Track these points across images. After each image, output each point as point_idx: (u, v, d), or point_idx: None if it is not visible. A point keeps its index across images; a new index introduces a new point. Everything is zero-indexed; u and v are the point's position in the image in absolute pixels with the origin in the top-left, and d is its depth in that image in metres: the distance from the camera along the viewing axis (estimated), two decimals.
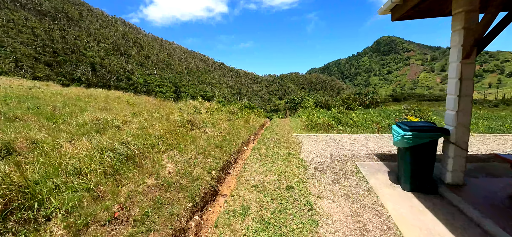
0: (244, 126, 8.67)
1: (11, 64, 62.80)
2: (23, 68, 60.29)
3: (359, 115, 11.55)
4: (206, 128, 6.77)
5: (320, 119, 9.02)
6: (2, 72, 49.08)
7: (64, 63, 78.37)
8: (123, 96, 17.99)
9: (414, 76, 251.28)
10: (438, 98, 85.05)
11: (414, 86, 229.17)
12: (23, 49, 73.26)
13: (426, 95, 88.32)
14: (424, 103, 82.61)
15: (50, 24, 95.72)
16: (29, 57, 72.71)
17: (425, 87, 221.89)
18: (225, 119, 8.83)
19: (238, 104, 13.14)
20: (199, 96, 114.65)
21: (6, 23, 78.29)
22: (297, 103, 20.03)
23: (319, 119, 9.28)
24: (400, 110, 13.05)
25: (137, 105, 11.92)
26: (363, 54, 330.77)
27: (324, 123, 8.53)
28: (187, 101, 16.34)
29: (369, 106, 17.23)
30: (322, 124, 8.47)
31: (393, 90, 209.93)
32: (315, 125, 8.56)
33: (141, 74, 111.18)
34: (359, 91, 19.68)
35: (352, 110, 14.58)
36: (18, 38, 77.62)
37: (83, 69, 67.82)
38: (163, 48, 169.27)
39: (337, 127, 8.28)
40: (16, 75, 50.22)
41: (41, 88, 18.85)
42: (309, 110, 14.34)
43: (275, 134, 7.78)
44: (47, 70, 71.08)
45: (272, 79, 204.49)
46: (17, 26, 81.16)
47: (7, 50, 68.84)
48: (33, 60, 73.12)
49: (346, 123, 8.96)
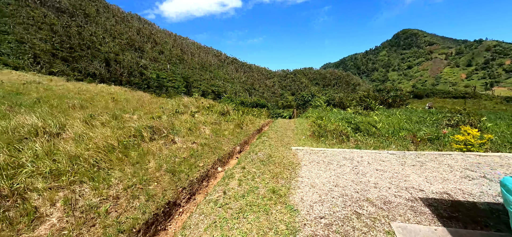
0: (233, 132, 6.91)
1: (30, 60, 65.08)
2: (39, 63, 62.09)
3: (381, 117, 9.39)
4: (177, 137, 5.05)
5: (332, 124, 7.04)
6: (19, 67, 50.54)
7: (80, 58, 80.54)
8: (119, 92, 16.87)
9: (436, 72, 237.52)
10: (465, 95, 78.55)
11: (437, 82, 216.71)
12: (42, 45, 75.78)
13: (451, 92, 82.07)
14: (449, 101, 76.87)
15: (68, 21, 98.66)
16: (47, 53, 75.15)
17: (448, 83, 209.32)
18: (210, 122, 7.10)
19: (232, 104, 11.32)
20: (210, 91, 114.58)
21: (26, 20, 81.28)
22: (307, 100, 17.85)
23: (331, 123, 7.32)
24: (433, 112, 10.71)
25: (123, 102, 10.54)
26: (381, 48, 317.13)
27: (337, 130, 6.56)
28: (182, 98, 14.76)
29: (391, 105, 14.81)
30: (334, 132, 6.52)
31: (413, 86, 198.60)
32: (325, 132, 6.63)
33: (154, 69, 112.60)
34: (378, 87, 17.16)
35: (371, 110, 12.34)
36: (37, 35, 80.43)
37: (96, 64, 68.92)
38: (177, 44, 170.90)
39: (354, 137, 6.34)
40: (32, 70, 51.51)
41: (42, 83, 18.17)
42: (318, 111, 12.30)
43: (268, 145, 5.95)
44: (64, 65, 73.18)
45: (285, 74, 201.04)
46: (37, 23, 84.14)
47: (26, 46, 71.41)
48: (50, 56, 75.50)
49: (367, 130, 6.95)
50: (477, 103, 68.70)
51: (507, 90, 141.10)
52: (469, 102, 72.33)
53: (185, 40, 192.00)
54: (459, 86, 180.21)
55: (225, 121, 8.13)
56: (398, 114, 10.30)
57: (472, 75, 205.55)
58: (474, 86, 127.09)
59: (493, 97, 69.08)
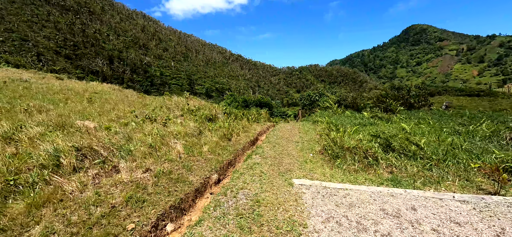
0: (217, 147, 5.30)
1: (33, 58, 65.07)
2: (41, 61, 61.87)
3: (411, 125, 7.53)
4: (123, 162, 3.42)
5: (351, 140, 5.25)
6: (20, 65, 50.20)
7: (83, 56, 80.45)
8: (107, 90, 15.42)
9: (446, 69, 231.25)
10: (480, 93, 74.97)
11: (446, 79, 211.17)
12: (45, 43, 75.87)
13: (464, 89, 78.72)
14: (462, 99, 73.52)
15: (72, 18, 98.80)
16: (50, 50, 75.20)
17: (459, 80, 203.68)
18: (186, 133, 5.46)
19: (234, 103, 9.58)
20: (214, 88, 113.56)
21: (30, 18, 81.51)
22: (313, 100, 15.96)
23: (349, 138, 5.50)
24: (468, 116, 8.82)
25: (100, 103, 9.08)
26: (389, 44, 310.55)
27: (359, 148, 4.84)
28: (171, 98, 13.23)
29: (412, 107, 12.87)
30: (355, 150, 4.77)
31: (422, 83, 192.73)
32: (342, 150, 4.89)
33: (158, 67, 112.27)
34: (395, 85, 15.20)
35: (392, 113, 10.48)
36: (41, 33, 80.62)
37: (98, 62, 68.31)
38: (181, 41, 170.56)
39: (386, 159, 4.63)
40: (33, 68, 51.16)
41: (29, 81, 16.98)
42: (328, 113, 10.52)
43: (258, 174, 4.27)
44: (67, 63, 73.01)
45: (290, 71, 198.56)
46: (41, 21, 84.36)
47: (30, 44, 71.53)
48: (53, 53, 75.54)
49: (403, 148, 4.86)
50: (493, 102, 65.32)
51: None
52: (485, 100, 68.89)
53: (189, 37, 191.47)
54: (470, 83, 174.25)
55: (209, 130, 6.48)
56: (430, 120, 8.41)
57: (484, 72, 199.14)
58: (490, 83, 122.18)
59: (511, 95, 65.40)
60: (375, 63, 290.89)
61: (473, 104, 64.55)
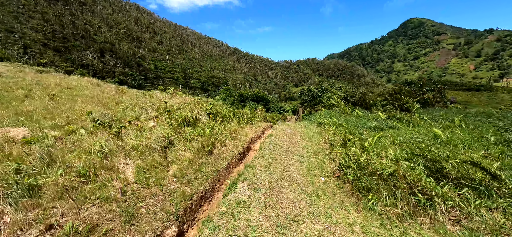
0: (188, 167, 3.64)
1: (20, 50, 62.24)
2: (27, 53, 59.07)
3: (446, 131, 5.89)
4: (9, 207, 1.60)
5: (382, 159, 3.66)
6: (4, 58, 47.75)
7: (72, 48, 77.56)
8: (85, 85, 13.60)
9: (443, 63, 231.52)
10: (479, 88, 74.11)
11: (443, 74, 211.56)
12: (32, 35, 72.77)
13: (464, 83, 77.94)
14: (462, 93, 72.63)
15: (61, 9, 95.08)
16: (38, 43, 72.19)
17: (456, 74, 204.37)
18: (146, 148, 3.75)
19: (205, 105, 7.82)
20: (210, 82, 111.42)
21: (16, 9, 78.01)
22: (316, 97, 14.21)
23: (374, 152, 3.84)
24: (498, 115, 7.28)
25: (66, 100, 7.36)
26: (387, 38, 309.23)
27: (400, 176, 3.09)
28: (153, 94, 11.39)
29: (426, 104, 11.29)
30: (392, 179, 3.10)
31: (419, 77, 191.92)
32: (371, 178, 3.26)
33: (152, 60, 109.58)
34: (407, 80, 13.51)
35: (408, 111, 8.89)
36: (28, 24, 77.30)
37: (87, 54, 65.58)
38: (177, 33, 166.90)
39: (446, 197, 3.04)
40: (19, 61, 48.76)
41: (4, 75, 15.14)
42: (335, 113, 8.87)
43: (243, 230, 2.50)
44: (56, 56, 70.10)
45: (288, 65, 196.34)
46: (28, 11, 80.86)
47: (16, 36, 68.48)
48: (41, 45, 72.58)
49: (462, 175, 3.13)
50: (493, 96, 64.51)
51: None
52: (485, 95, 68.07)
53: (185, 30, 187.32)
54: (467, 77, 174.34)
55: (184, 139, 4.79)
56: (462, 123, 6.79)
57: (480, 67, 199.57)
58: (490, 78, 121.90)
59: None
60: (373, 57, 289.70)
61: (473, 98, 63.66)
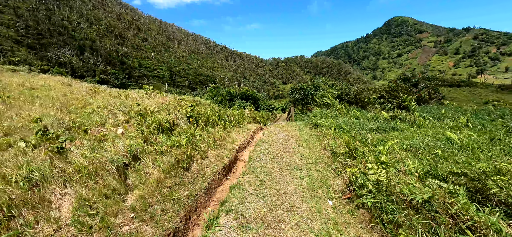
0: (155, 192, 2.72)
1: None
2: None
3: (461, 136, 5.19)
4: None
5: (408, 178, 2.71)
6: None
7: (49, 46, 72.99)
8: (54, 85, 12.04)
9: (425, 60, 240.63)
10: (460, 84, 77.11)
11: (425, 70, 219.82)
12: (4, 31, 67.82)
13: (446, 79, 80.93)
14: (443, 89, 75.03)
15: (36, 4, 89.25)
16: (9, 39, 67.33)
17: (436, 71, 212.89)
18: (99, 168, 2.66)
19: (184, 108, 6.69)
20: (198, 81, 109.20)
21: None
22: (308, 95, 13.38)
23: (398, 172, 2.97)
24: None
25: (22, 103, 6.04)
26: (372, 36, 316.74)
27: (441, 203, 2.26)
28: (129, 94, 10.13)
29: (420, 101, 10.80)
30: (426, 209, 2.26)
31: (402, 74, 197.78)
32: (398, 206, 2.41)
33: (137, 58, 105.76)
34: (403, 76, 13.12)
35: (407, 110, 8.26)
36: None
37: (65, 52, 61.75)
38: (162, 30, 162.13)
39: (494, 229, 2.12)
40: None
41: None
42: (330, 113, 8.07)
43: None
44: (30, 53, 65.59)
45: (276, 63, 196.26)
46: None
47: None
48: (13, 43, 67.80)
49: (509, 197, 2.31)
50: (473, 91, 67.12)
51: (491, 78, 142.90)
52: (466, 90, 70.71)
53: (171, 27, 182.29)
54: (447, 74, 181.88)
55: (155, 151, 3.75)
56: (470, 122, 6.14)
57: (459, 63, 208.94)
58: (470, 73, 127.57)
59: (489, 85, 67.68)
60: (358, 54, 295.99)
61: (455, 94, 65.94)
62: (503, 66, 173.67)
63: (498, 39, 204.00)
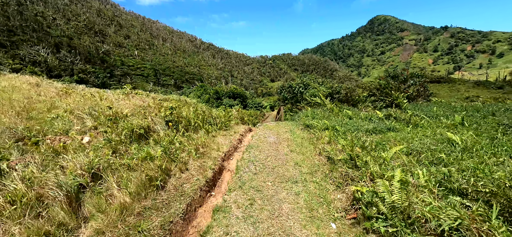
0: (117, 223, 1.87)
1: None
2: None
3: (467, 135, 4.89)
4: None
5: (426, 195, 2.32)
6: None
7: (22, 43, 68.39)
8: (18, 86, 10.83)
9: (407, 57, 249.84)
10: (440, 80, 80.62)
11: (407, 67, 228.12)
12: None
13: (427, 75, 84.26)
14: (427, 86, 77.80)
15: None
16: None
17: (417, 68, 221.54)
18: (40, 196, 1.94)
19: (163, 110, 5.94)
20: (184, 79, 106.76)
21: None
22: (297, 93, 12.91)
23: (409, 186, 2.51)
24: None
25: None
26: (356, 34, 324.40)
27: (467, 226, 1.99)
28: (104, 95, 9.17)
29: (409, 99, 10.67)
30: None
31: (385, 71, 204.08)
32: None
33: (119, 56, 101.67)
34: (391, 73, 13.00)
35: (399, 108, 8.00)
36: None
37: (39, 49, 58.02)
38: (146, 27, 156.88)
39: None
40: None
41: None
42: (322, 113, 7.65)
43: None
44: (0, 52, 61.03)
45: (264, 60, 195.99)
46: None
47: None
48: None
49: None
50: (452, 87, 70.21)
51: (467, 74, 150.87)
52: (445, 86, 73.86)
53: (155, 24, 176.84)
54: (427, 70, 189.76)
55: (125, 166, 3.08)
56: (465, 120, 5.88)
57: (438, 61, 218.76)
58: (448, 70, 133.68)
59: (467, 81, 71.09)
60: (344, 52, 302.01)
61: (435, 90, 68.62)
62: (477, 63, 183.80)
63: (473, 38, 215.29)
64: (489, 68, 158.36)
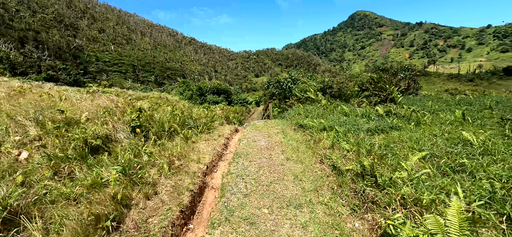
0: None
1: None
2: None
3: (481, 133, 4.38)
4: None
5: None
6: None
7: None
8: None
9: (385, 52, 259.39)
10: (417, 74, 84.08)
11: (385, 62, 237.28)
12: None
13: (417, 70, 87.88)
14: None
15: None
16: None
17: (395, 62, 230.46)
18: None
19: (130, 112, 4.82)
20: (166, 75, 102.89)
21: None
22: (286, 88, 12.14)
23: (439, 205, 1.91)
24: None
25: None
26: (338, 29, 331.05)
27: None
28: (63, 94, 7.69)
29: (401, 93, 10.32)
30: None
31: (366, 65, 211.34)
32: None
33: (93, 51, 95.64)
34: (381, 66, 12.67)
35: (394, 103, 7.51)
36: None
37: (2, 45, 52.77)
38: (122, 21, 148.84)
39: None
40: None
41: None
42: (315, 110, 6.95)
43: None
44: None
45: (247, 55, 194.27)
46: None
47: None
48: None
49: None
50: (429, 80, 73.50)
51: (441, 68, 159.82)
52: (422, 79, 77.02)
53: (132, 17, 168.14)
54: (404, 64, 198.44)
55: (71, 190, 2.09)
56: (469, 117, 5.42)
57: (413, 55, 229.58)
58: (424, 64, 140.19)
59: (441, 74, 74.77)
60: (326, 46, 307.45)
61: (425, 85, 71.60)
62: (449, 57, 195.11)
63: (444, 33, 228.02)
64: (459, 62, 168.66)
